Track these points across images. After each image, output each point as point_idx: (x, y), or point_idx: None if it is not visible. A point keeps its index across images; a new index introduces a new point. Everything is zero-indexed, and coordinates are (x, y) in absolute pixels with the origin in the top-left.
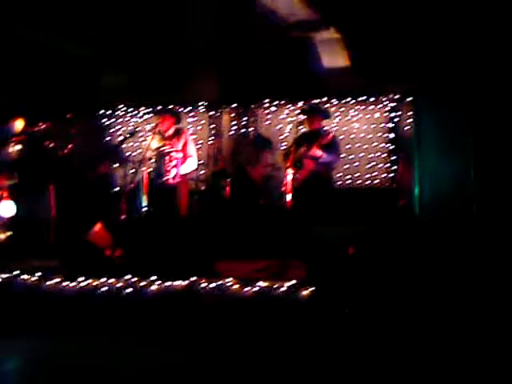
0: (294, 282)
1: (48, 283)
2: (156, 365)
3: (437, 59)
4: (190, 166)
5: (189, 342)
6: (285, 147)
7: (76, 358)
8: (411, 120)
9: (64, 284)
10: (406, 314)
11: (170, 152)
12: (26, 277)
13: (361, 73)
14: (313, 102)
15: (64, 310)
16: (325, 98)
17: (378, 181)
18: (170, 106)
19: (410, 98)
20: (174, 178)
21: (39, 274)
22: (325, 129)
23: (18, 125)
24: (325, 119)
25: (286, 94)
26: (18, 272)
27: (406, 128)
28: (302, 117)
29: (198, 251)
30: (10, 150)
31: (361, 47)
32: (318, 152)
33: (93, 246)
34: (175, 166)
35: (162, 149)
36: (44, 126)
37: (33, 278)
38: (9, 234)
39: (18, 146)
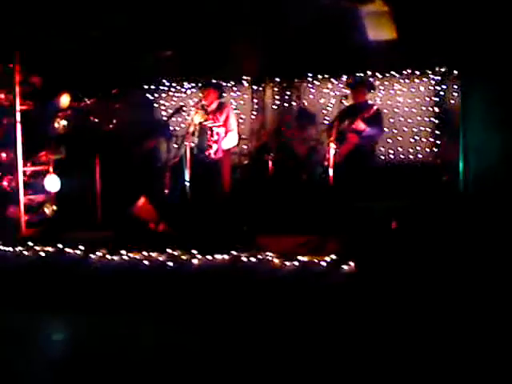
0: (334, 256)
1: (92, 256)
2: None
3: (486, 31)
4: (231, 140)
5: (230, 319)
6: (328, 121)
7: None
8: (457, 94)
9: (108, 258)
10: (450, 293)
11: (212, 127)
12: (70, 251)
13: (407, 45)
14: (357, 75)
15: (108, 284)
16: (369, 72)
17: (421, 156)
18: (214, 81)
19: (457, 72)
20: (216, 152)
21: (83, 247)
22: (369, 102)
23: (64, 100)
24: (370, 92)
25: (330, 68)
26: (62, 245)
27: (451, 102)
28: (346, 91)
29: (240, 226)
30: (56, 125)
31: (407, 19)
32: (362, 125)
33: (137, 220)
34: (217, 141)
35: (204, 123)
36: (90, 101)
37: (77, 252)
38: (55, 208)
39: (64, 122)
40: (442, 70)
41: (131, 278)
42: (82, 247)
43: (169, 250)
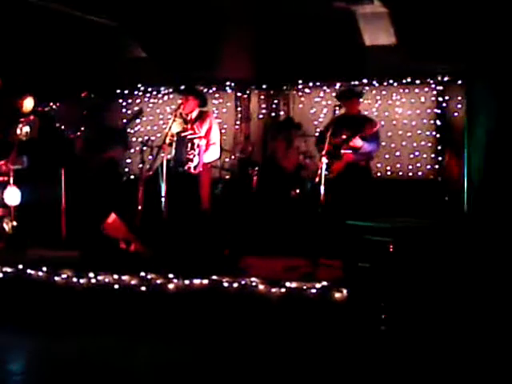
0: (325, 283)
1: (57, 278)
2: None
3: (494, 36)
4: (213, 154)
5: (207, 347)
6: (319, 133)
7: (81, 357)
8: (461, 106)
9: (74, 280)
10: (451, 320)
11: (193, 139)
12: (32, 272)
13: (407, 51)
14: (352, 83)
15: (73, 308)
16: (365, 80)
17: (421, 172)
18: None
19: (461, 81)
20: (196, 167)
21: (45, 268)
22: (364, 114)
23: (28, 104)
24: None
25: (322, 75)
26: (23, 266)
27: (454, 115)
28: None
29: (222, 246)
30: (18, 131)
31: (408, 21)
32: (359, 143)
33: (107, 239)
34: (198, 154)
35: (183, 134)
36: (55, 105)
37: (40, 273)
38: (15, 223)
39: (27, 128)
40: (446, 78)
41: (97, 302)
42: (44, 268)
43: (142, 273)
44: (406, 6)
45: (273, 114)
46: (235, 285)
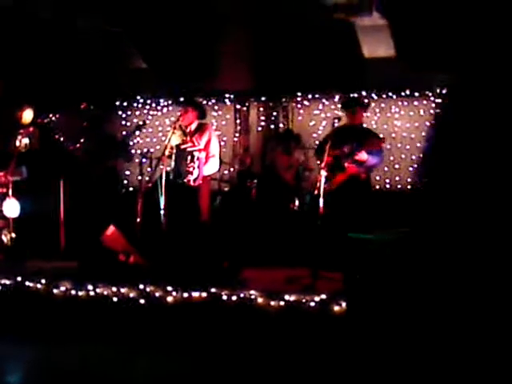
0: (325, 296)
1: (55, 291)
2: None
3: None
4: (213, 166)
5: (206, 359)
6: (318, 145)
7: (80, 368)
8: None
9: (73, 292)
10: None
11: (193, 151)
12: (30, 284)
13: (406, 63)
14: (350, 95)
15: (71, 320)
16: (364, 93)
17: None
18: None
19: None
20: (196, 179)
21: (44, 280)
22: (365, 126)
23: (27, 115)
24: (366, 113)
25: (321, 87)
26: (21, 278)
27: None
28: (339, 112)
29: (221, 258)
30: (17, 143)
31: (407, 33)
32: (365, 156)
33: (105, 251)
34: (198, 167)
35: (182, 146)
36: (55, 117)
37: (38, 285)
38: (14, 235)
39: (26, 139)
40: (444, 91)
41: (96, 314)
42: (43, 280)
43: (141, 286)
44: (405, 17)
45: (272, 126)
46: (234, 298)
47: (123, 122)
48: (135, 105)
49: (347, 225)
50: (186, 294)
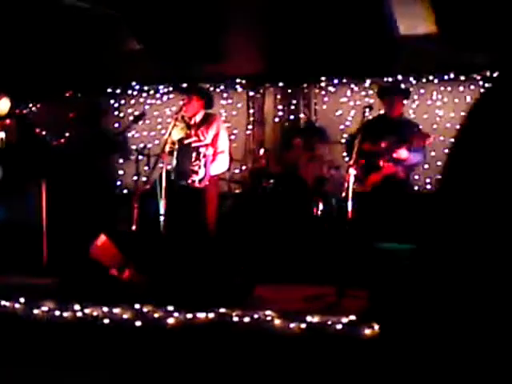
0: (353, 317)
1: (36, 311)
2: None
3: None
4: (222, 165)
5: None
6: (346, 140)
7: None
8: None
9: (56, 313)
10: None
11: (199, 146)
12: (7, 303)
13: (450, 41)
14: (384, 80)
15: (55, 346)
16: (399, 77)
17: None
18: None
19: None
20: (202, 180)
21: (23, 299)
22: (407, 118)
23: (3, 105)
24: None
25: (349, 70)
26: None
27: None
28: (370, 100)
29: (231, 274)
30: None
31: (451, 5)
32: (405, 153)
33: (95, 264)
34: (204, 165)
35: (186, 141)
36: (35, 107)
37: (17, 305)
38: None
39: (2, 134)
40: (495, 73)
41: (83, 338)
42: (22, 299)
43: (136, 305)
44: None
45: (291, 117)
46: (247, 319)
47: (116, 113)
48: (130, 92)
49: (380, 233)
50: (189, 315)
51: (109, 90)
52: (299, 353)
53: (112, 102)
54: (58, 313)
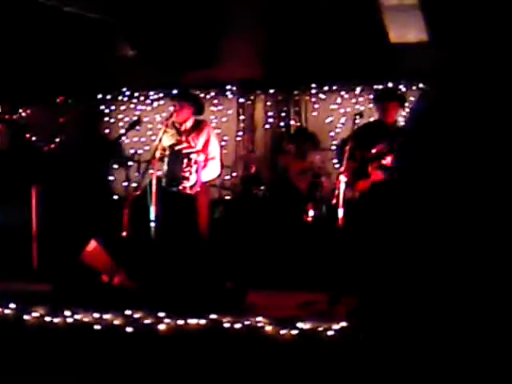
0: (345, 323)
1: (26, 317)
2: None
3: None
4: (213, 171)
5: None
6: (337, 146)
7: None
8: None
9: (47, 319)
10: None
11: (190, 153)
12: None
13: (440, 49)
14: (375, 88)
15: (45, 352)
16: (390, 84)
17: None
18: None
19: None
20: (193, 186)
21: (14, 305)
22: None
23: None
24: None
25: (340, 77)
26: None
27: None
28: (360, 107)
29: (222, 280)
30: None
31: (441, 13)
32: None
33: (86, 270)
34: (196, 172)
35: (176, 147)
36: (26, 112)
37: (7, 311)
38: None
39: None
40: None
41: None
42: (12, 305)
43: (127, 311)
44: None
45: (281, 124)
46: (238, 325)
47: (106, 119)
48: (120, 98)
49: (370, 239)
50: (180, 322)
51: (99, 96)
52: (291, 359)
53: (103, 107)
54: (48, 319)
